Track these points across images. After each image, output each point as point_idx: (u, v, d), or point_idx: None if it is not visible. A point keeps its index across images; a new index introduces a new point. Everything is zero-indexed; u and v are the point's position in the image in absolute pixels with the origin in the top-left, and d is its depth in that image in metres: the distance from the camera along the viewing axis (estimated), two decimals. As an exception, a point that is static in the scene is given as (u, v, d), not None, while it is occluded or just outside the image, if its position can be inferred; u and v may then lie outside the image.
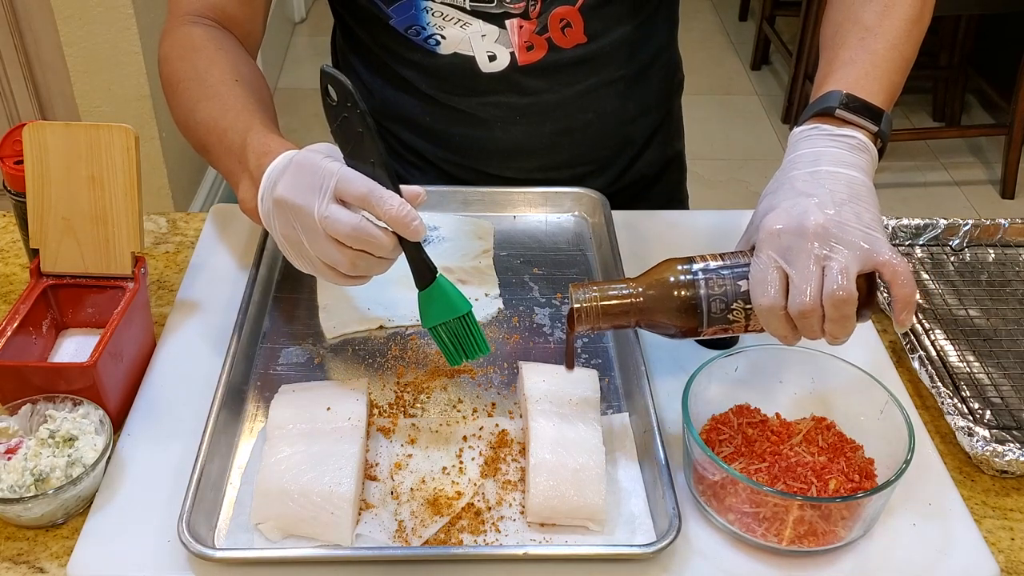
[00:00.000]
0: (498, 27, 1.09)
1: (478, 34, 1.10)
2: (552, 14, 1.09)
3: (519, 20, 1.09)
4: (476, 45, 1.11)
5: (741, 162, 3.38)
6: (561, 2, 1.09)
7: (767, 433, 0.86)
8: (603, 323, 0.85)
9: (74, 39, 2.35)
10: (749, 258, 0.83)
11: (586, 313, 0.84)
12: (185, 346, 1.00)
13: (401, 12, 1.09)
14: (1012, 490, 0.90)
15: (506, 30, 1.10)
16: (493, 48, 1.11)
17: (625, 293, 0.84)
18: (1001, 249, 1.19)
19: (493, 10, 1.08)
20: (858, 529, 0.81)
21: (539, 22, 1.10)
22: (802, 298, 0.78)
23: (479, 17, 1.08)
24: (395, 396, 0.95)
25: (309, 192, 0.80)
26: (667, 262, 0.86)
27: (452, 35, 1.10)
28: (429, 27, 1.10)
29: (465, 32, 1.09)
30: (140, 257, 0.97)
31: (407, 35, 1.12)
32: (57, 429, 0.85)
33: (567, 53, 1.13)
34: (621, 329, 0.89)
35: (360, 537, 0.80)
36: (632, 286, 0.85)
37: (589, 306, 0.84)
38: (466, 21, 1.08)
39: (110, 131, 0.93)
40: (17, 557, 0.81)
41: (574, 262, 1.13)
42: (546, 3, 1.09)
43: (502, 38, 1.10)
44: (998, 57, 3.32)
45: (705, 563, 0.81)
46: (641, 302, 0.84)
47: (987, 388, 0.99)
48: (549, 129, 1.20)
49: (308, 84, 3.86)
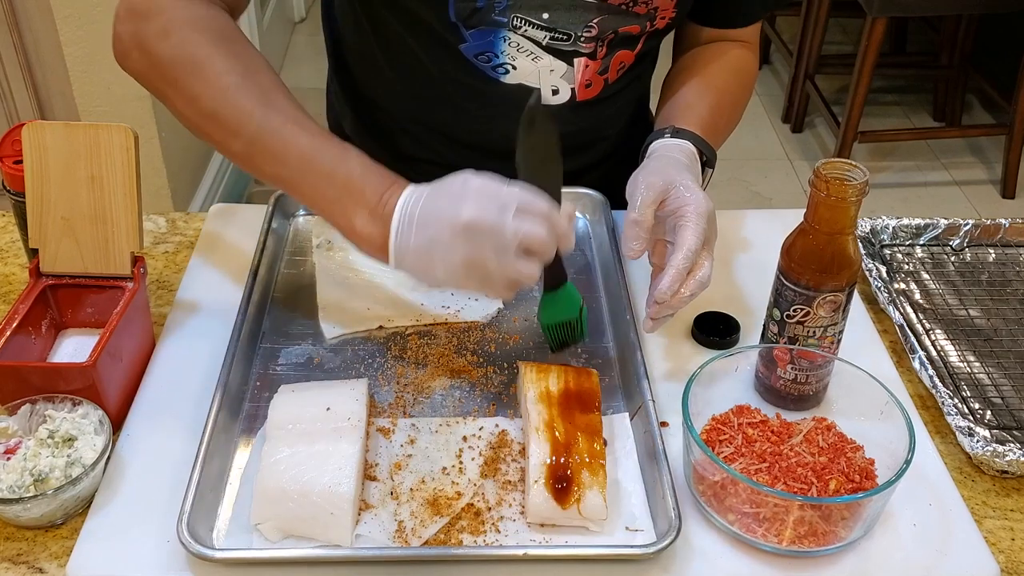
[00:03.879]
0: (567, 64, 1.10)
1: (547, 68, 1.10)
2: (614, 57, 1.12)
3: (586, 59, 1.10)
4: (543, 79, 1.11)
5: (741, 162, 3.38)
6: (624, 46, 1.12)
7: (767, 433, 0.86)
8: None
9: (74, 39, 2.35)
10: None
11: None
12: (185, 346, 1.00)
13: (480, 38, 1.07)
14: (1012, 490, 0.90)
15: (573, 67, 1.11)
16: (558, 83, 1.12)
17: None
18: (1001, 249, 1.19)
19: (566, 47, 1.09)
20: (858, 529, 0.81)
21: (603, 63, 1.12)
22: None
23: (551, 53, 1.09)
24: (395, 396, 0.95)
25: (497, 213, 0.82)
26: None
27: (523, 66, 1.10)
28: (502, 56, 1.09)
29: (536, 65, 1.10)
30: (139, 257, 0.96)
31: (475, 60, 1.10)
32: (56, 429, 0.84)
33: (612, 88, 1.16)
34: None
35: (360, 537, 0.80)
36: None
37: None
38: (538, 55, 1.09)
39: (109, 131, 0.93)
40: (16, 557, 0.81)
41: (574, 262, 1.13)
42: (612, 46, 1.10)
43: (567, 74, 1.11)
44: (998, 57, 3.32)
45: (705, 563, 0.81)
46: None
47: (987, 388, 0.99)
48: (577, 144, 1.21)
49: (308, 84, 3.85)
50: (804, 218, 0.89)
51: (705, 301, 1.07)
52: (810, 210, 0.87)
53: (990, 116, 3.62)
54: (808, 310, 0.89)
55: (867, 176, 0.85)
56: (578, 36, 1.07)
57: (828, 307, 0.89)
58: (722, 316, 1.04)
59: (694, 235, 0.91)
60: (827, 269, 0.88)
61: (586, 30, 1.06)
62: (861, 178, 0.85)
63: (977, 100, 3.70)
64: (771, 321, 0.93)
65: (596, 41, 1.08)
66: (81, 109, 2.45)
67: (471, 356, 1.00)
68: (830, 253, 0.87)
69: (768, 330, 0.94)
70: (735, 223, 1.22)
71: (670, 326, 1.03)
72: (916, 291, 1.12)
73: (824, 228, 0.87)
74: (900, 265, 1.16)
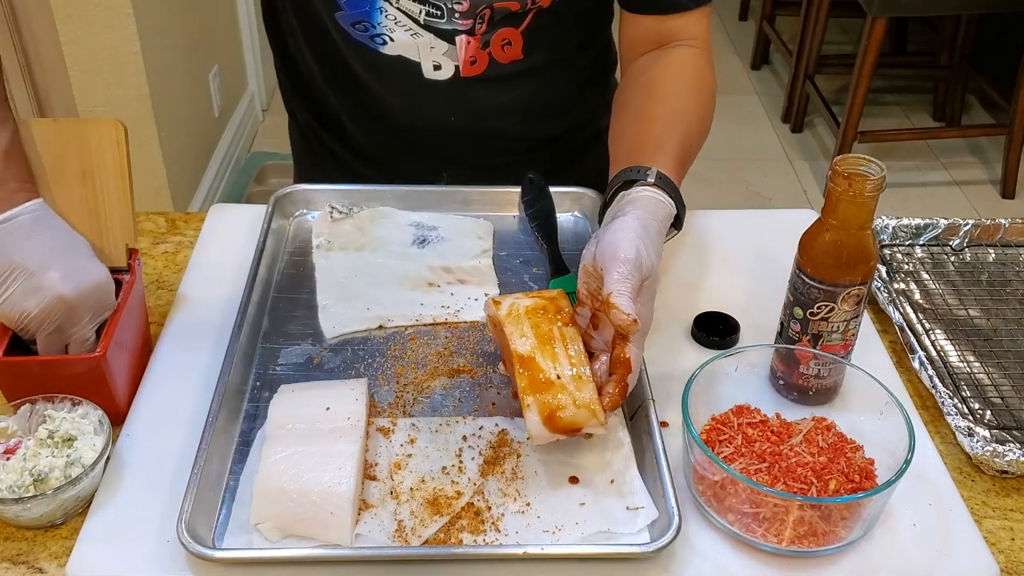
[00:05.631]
0: (447, 43, 1.12)
1: (427, 45, 1.12)
2: (496, 34, 1.12)
3: (466, 36, 1.11)
4: (423, 54, 1.13)
5: (741, 162, 3.38)
6: (506, 24, 1.12)
7: (767, 433, 0.86)
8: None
9: (74, 39, 2.35)
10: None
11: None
12: (185, 346, 1.00)
13: (355, 7, 1.09)
14: (1012, 490, 0.90)
15: (455, 46, 1.12)
16: (440, 59, 1.14)
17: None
18: (1001, 249, 1.19)
19: (444, 26, 1.10)
20: (858, 529, 0.81)
21: (483, 39, 1.12)
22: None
23: (430, 31, 1.10)
24: (395, 396, 0.95)
25: (89, 312, 0.89)
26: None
27: (401, 39, 1.12)
28: (379, 27, 1.11)
29: (415, 41, 1.11)
30: (133, 250, 0.97)
31: (352, 30, 1.12)
32: (56, 429, 0.84)
33: (505, 67, 1.16)
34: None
35: (359, 537, 0.80)
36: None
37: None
38: (417, 32, 1.10)
39: (99, 126, 0.94)
40: (16, 557, 0.81)
41: (574, 262, 1.13)
42: (492, 24, 1.11)
43: (450, 52, 1.13)
44: (998, 57, 3.32)
45: (705, 563, 0.81)
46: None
47: (987, 388, 0.99)
48: (482, 128, 1.23)
49: (308, 84, 3.86)
50: (822, 215, 0.89)
51: (705, 301, 1.07)
52: (829, 207, 0.87)
53: (990, 116, 3.62)
54: (832, 306, 0.90)
55: (884, 171, 0.86)
56: (451, 10, 1.08)
57: (852, 301, 0.89)
58: (722, 316, 1.04)
59: (639, 353, 0.87)
60: (850, 264, 0.88)
61: (457, 3, 1.07)
62: (879, 172, 0.86)
63: (977, 100, 3.70)
64: (792, 320, 0.93)
65: (473, 18, 1.09)
66: (81, 109, 2.45)
67: (471, 356, 1.00)
68: (854, 248, 0.88)
69: (789, 329, 0.93)
70: (735, 223, 1.22)
71: (670, 326, 1.03)
72: (916, 291, 1.12)
73: (847, 224, 0.87)
74: (900, 265, 1.16)
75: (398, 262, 1.11)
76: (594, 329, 0.89)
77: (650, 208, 0.91)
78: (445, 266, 1.10)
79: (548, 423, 0.82)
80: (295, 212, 1.19)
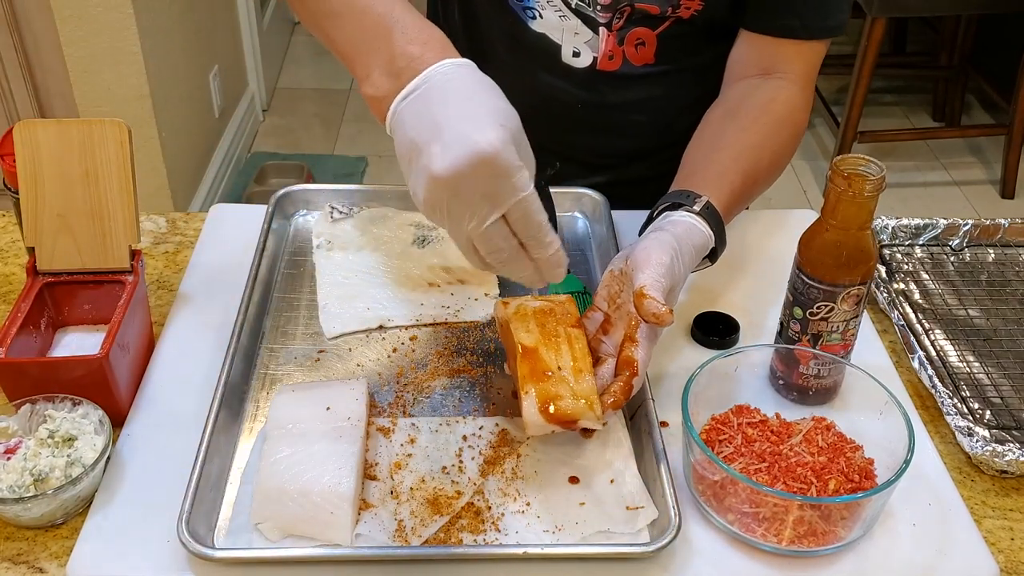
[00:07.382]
0: (592, 31, 1.13)
1: (572, 29, 1.14)
2: (631, 32, 1.13)
3: (604, 30, 1.13)
4: (566, 38, 1.15)
5: (741, 162, 3.37)
6: (643, 24, 1.12)
7: (767, 433, 0.86)
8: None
9: (74, 39, 2.35)
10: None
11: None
12: (185, 346, 1.00)
13: None
14: (1012, 490, 0.90)
15: (598, 36, 1.14)
16: (581, 47, 1.15)
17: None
18: (1001, 249, 1.19)
19: (590, 13, 1.12)
20: (858, 529, 0.81)
21: (618, 35, 1.13)
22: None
23: (579, 16, 1.12)
24: (395, 396, 0.95)
25: (482, 199, 0.74)
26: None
27: (549, 18, 1.14)
28: (532, 0, 1.13)
29: (561, 23, 1.13)
30: (137, 251, 0.97)
31: None
32: (56, 429, 0.84)
33: (637, 68, 1.17)
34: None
35: (360, 537, 0.80)
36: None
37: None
38: (566, 15, 1.12)
39: (102, 126, 0.94)
40: (16, 557, 0.81)
41: (574, 262, 1.13)
42: (629, 21, 1.12)
43: (592, 41, 1.14)
44: (998, 57, 3.32)
45: (705, 563, 0.81)
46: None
47: (987, 388, 0.99)
48: (605, 122, 1.23)
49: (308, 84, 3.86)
50: (822, 215, 0.89)
51: (705, 301, 1.07)
52: (829, 208, 0.88)
53: (989, 116, 3.62)
54: (832, 306, 0.90)
55: (884, 171, 0.86)
56: (595, 1, 1.10)
57: (852, 301, 0.90)
58: (722, 316, 1.05)
59: (646, 357, 0.87)
60: (850, 264, 0.88)
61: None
62: (878, 172, 0.86)
63: (976, 100, 3.70)
64: (792, 320, 0.93)
65: (612, 12, 1.11)
66: (81, 109, 2.45)
67: (471, 356, 1.00)
68: (853, 248, 0.88)
69: (789, 329, 0.94)
70: (735, 223, 1.21)
71: (669, 326, 1.03)
72: (915, 291, 1.12)
73: (847, 224, 0.87)
74: (899, 265, 1.16)
75: (398, 262, 1.11)
76: (604, 333, 0.90)
77: (687, 233, 0.92)
78: (445, 266, 1.10)
79: (544, 412, 0.82)
80: (295, 212, 1.19)
